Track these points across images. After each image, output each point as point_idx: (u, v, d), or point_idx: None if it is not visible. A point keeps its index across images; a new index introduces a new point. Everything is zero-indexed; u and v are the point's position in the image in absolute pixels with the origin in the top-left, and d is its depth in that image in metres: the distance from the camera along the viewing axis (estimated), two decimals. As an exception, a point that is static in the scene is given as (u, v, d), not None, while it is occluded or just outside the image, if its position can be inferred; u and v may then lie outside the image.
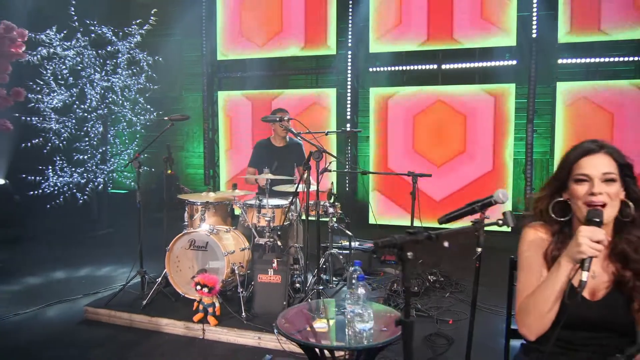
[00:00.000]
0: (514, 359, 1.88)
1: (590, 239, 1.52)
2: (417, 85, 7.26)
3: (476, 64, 7.00)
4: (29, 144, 6.74)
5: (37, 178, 6.88)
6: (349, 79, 7.62)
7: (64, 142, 7.03)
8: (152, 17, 7.09)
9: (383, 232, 6.69)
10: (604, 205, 1.59)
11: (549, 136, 7.01)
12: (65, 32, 6.70)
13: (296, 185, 3.93)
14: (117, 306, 3.96)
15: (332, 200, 4.30)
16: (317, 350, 2.09)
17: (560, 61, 6.69)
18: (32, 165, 6.85)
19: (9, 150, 6.76)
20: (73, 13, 6.63)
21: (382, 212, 7.27)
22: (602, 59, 6.50)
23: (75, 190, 7.08)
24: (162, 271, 4.06)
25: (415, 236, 1.37)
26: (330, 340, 2.11)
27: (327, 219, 4.31)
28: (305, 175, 4.48)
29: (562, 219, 1.70)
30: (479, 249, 1.89)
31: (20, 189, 6.84)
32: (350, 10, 7.48)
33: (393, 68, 7.38)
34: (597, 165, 1.61)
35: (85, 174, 7.13)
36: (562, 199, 1.70)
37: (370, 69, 7.54)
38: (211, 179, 8.41)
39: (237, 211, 4.55)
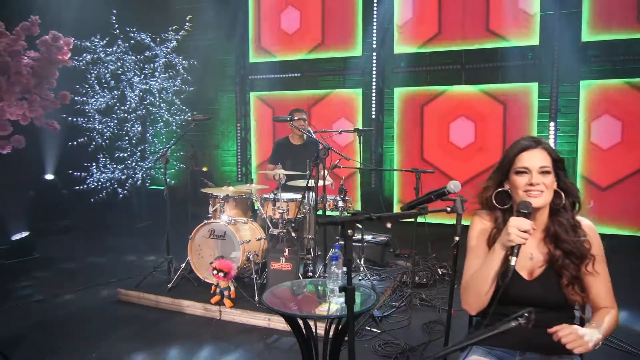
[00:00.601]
0: (468, 332, 2.11)
1: (518, 229, 1.73)
2: (440, 85, 7.41)
3: (499, 64, 7.08)
4: (75, 143, 7.31)
5: (82, 174, 7.45)
6: (374, 80, 7.85)
7: (107, 141, 7.57)
8: (187, 23, 7.54)
9: (405, 228, 6.90)
10: (540, 194, 1.81)
11: (574, 135, 7.01)
12: (107, 39, 7.23)
13: (308, 180, 4.21)
14: (145, 289, 4.38)
15: (342, 195, 4.57)
16: (298, 320, 2.37)
17: (584, 59, 6.70)
18: (78, 162, 7.42)
19: (57, 148, 7.34)
20: (114, 21, 7.15)
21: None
22: (626, 57, 6.48)
23: (116, 186, 7.63)
24: (187, 258, 4.44)
25: (356, 216, 1.64)
26: (307, 312, 2.37)
27: (338, 213, 4.58)
28: (323, 172, 4.79)
29: (503, 207, 1.92)
30: (457, 238, 2.07)
31: (67, 184, 7.43)
32: (375, 12, 7.69)
33: (417, 68, 7.56)
34: (535, 159, 1.83)
35: (125, 171, 7.66)
36: (504, 189, 1.92)
37: (395, 70, 7.75)
38: (244, 175, 8.81)
39: (257, 205, 4.89)
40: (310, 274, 4.48)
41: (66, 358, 3.33)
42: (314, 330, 2.39)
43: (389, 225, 1.48)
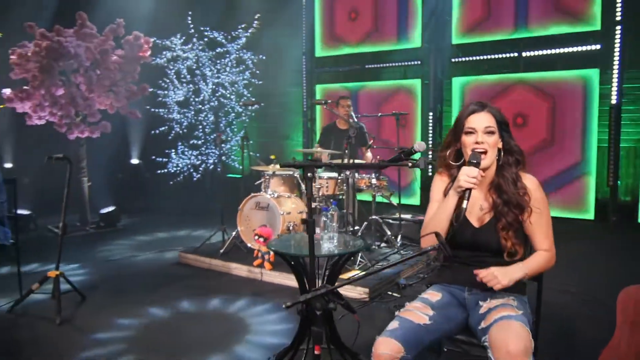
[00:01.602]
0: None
1: (468, 175, 2.03)
2: (498, 73, 7.45)
3: (558, 50, 7.00)
4: (157, 131, 8.23)
5: (163, 159, 8.35)
6: (432, 70, 8.03)
7: (184, 130, 8.43)
8: (255, 21, 8.19)
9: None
10: (485, 152, 2.09)
11: (640, 122, 6.79)
12: (184, 38, 8.05)
13: (345, 159, 4.60)
14: (202, 253, 5.01)
15: (377, 174, 4.92)
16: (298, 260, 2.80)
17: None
18: (160, 148, 8.34)
19: (142, 136, 8.30)
20: (190, 22, 7.95)
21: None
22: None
23: (192, 170, 8.46)
24: (237, 227, 5.02)
25: (315, 162, 2.03)
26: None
27: (371, 190, 4.93)
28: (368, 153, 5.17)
29: (457, 164, 2.21)
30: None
31: (150, 168, 8.37)
32: (434, 3, 7.88)
33: (475, 58, 7.64)
34: (481, 121, 2.11)
35: (199, 157, 8.47)
36: (457, 148, 2.21)
37: (453, 60, 7.89)
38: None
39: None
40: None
41: (129, 299, 4.00)
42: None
43: (348, 172, 1.68)
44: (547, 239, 2.11)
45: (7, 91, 5.96)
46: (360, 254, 4.38)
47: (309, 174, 2.01)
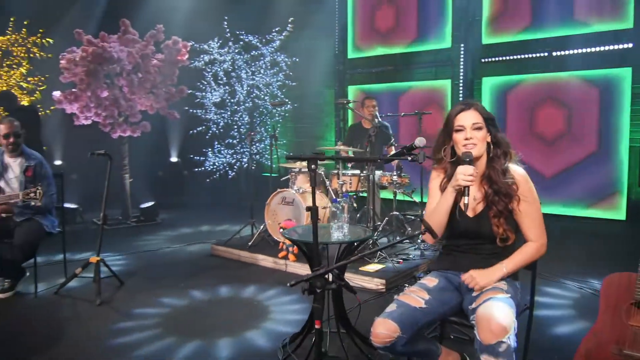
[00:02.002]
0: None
1: (464, 174, 2.20)
2: (528, 73, 7.45)
3: (589, 49, 6.94)
4: (195, 131, 8.61)
5: (201, 158, 8.73)
6: (462, 70, 8.10)
7: (221, 130, 8.78)
8: (289, 25, 8.46)
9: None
10: (475, 146, 2.25)
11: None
12: (221, 41, 8.41)
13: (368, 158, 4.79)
14: (232, 245, 5.30)
15: (398, 172, 5.08)
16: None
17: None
18: (197, 147, 8.73)
19: (180, 135, 8.72)
20: (226, 26, 8.29)
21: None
22: None
23: (227, 168, 8.81)
24: (264, 221, 5.28)
25: (318, 155, 2.25)
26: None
27: (392, 187, 5.09)
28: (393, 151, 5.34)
29: (451, 160, 2.37)
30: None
31: (188, 165, 8.77)
32: (463, 5, 7.94)
33: (505, 58, 7.66)
34: (468, 118, 2.27)
35: (235, 155, 8.81)
36: (450, 146, 2.37)
37: (483, 60, 7.92)
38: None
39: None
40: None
41: (162, 285, 4.31)
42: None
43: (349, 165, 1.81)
44: (536, 228, 2.25)
45: (57, 93, 6.44)
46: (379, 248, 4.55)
47: (312, 165, 2.22)
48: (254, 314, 3.68)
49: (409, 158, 2.47)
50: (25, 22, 7.34)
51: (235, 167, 8.85)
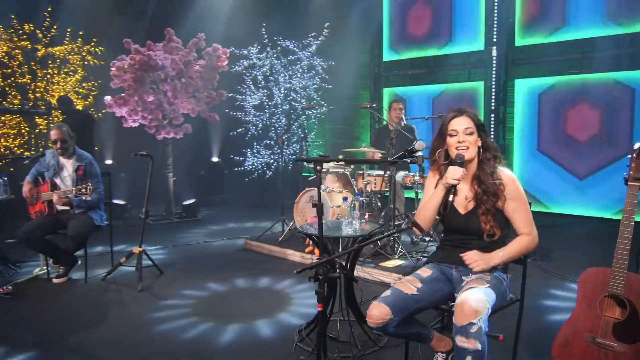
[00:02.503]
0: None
1: (453, 174, 2.44)
2: (561, 75, 7.45)
3: (622, 51, 6.89)
4: (235, 132, 9.04)
5: (240, 158, 9.16)
6: (494, 72, 8.17)
7: (259, 131, 9.18)
8: (325, 30, 8.76)
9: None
10: (467, 149, 2.48)
11: None
12: (259, 47, 8.80)
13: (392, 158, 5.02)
14: (263, 240, 5.65)
15: (420, 173, 5.28)
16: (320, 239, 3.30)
17: None
18: (237, 148, 9.16)
19: (221, 136, 9.17)
20: (264, 33, 8.68)
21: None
22: None
23: (265, 168, 9.20)
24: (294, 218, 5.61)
25: (324, 157, 2.53)
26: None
27: (413, 187, 5.31)
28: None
29: (445, 162, 2.60)
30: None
31: (228, 165, 9.21)
32: (496, 7, 8.02)
33: (537, 59, 7.69)
34: (461, 123, 2.50)
35: (272, 156, 9.19)
36: (444, 149, 2.60)
37: (515, 62, 7.97)
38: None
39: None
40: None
41: (198, 275, 4.70)
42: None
43: (352, 166, 1.98)
44: (527, 223, 2.46)
45: (107, 98, 6.99)
46: (400, 246, 4.79)
47: (318, 167, 2.51)
48: (280, 301, 4.01)
49: (408, 160, 2.72)
50: (80, 33, 7.97)
51: (272, 167, 9.23)
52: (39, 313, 3.83)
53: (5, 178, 4.84)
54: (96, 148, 7.44)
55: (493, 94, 8.20)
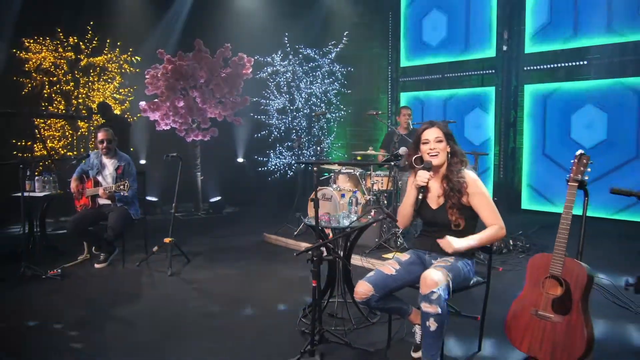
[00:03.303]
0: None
1: (421, 178, 2.94)
2: (568, 80, 7.79)
3: (627, 57, 7.20)
4: (259, 135, 9.65)
5: (264, 159, 9.76)
6: (504, 77, 8.55)
7: (282, 134, 9.77)
8: (344, 38, 9.29)
9: (530, 217, 7.66)
10: (437, 154, 2.98)
11: None
12: (282, 55, 9.39)
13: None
14: (280, 234, 6.22)
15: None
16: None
17: None
18: (261, 149, 9.76)
19: (246, 139, 9.79)
20: (287, 41, 9.26)
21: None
22: None
23: (287, 168, 9.78)
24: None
25: (319, 161, 3.05)
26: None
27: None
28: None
29: (420, 167, 3.09)
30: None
31: (253, 166, 9.83)
32: (508, 14, 8.40)
33: (545, 66, 8.05)
34: (432, 133, 3.00)
35: (293, 157, 9.76)
36: (418, 155, 3.09)
37: (525, 68, 8.35)
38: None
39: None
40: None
41: (221, 264, 5.30)
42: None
43: (340, 167, 2.36)
44: (492, 215, 2.91)
45: (142, 104, 7.67)
46: (401, 238, 5.28)
47: (314, 168, 3.05)
48: (290, 286, 4.57)
49: (393, 163, 3.22)
50: (118, 43, 8.70)
51: (293, 167, 9.80)
52: (84, 291, 4.48)
53: (55, 176, 5.52)
54: (131, 149, 8.14)
55: (504, 99, 8.59)
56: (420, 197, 2.98)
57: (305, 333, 3.41)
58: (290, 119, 9.79)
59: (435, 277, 2.63)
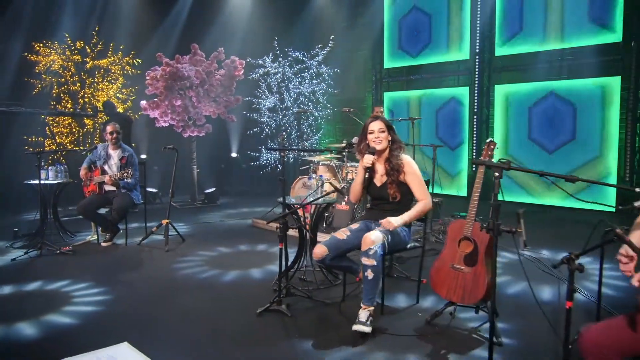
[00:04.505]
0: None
1: (366, 160, 3.67)
2: (534, 81, 8.52)
3: (587, 60, 7.90)
4: (251, 131, 10.38)
5: (256, 154, 10.49)
6: (477, 79, 9.28)
7: (273, 130, 10.50)
8: (330, 42, 10.01)
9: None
10: (380, 142, 3.70)
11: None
12: (272, 57, 10.12)
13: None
14: (266, 219, 6.93)
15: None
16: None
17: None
18: (253, 145, 10.49)
19: (239, 135, 10.53)
20: (276, 45, 10.00)
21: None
22: None
23: (277, 162, 10.51)
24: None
25: (283, 147, 3.78)
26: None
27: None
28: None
29: (367, 152, 3.81)
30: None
31: (246, 160, 10.56)
32: (478, 20, 9.13)
33: (515, 67, 8.77)
34: (376, 125, 3.72)
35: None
36: (365, 142, 3.81)
37: (495, 69, 9.07)
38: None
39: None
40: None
41: (212, 242, 6.01)
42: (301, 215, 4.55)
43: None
44: (421, 192, 3.65)
45: (143, 102, 8.41)
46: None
47: (282, 154, 3.77)
48: (270, 259, 5.30)
49: (346, 151, 3.95)
50: (121, 47, 9.45)
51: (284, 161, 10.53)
52: (93, 264, 5.22)
53: (66, 166, 6.25)
54: (133, 145, 8.87)
55: (476, 97, 9.32)
56: (366, 176, 3.71)
57: (276, 290, 4.14)
58: (280, 117, 10.52)
59: (373, 238, 3.36)
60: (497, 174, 2.53)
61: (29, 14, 8.56)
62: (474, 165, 7.77)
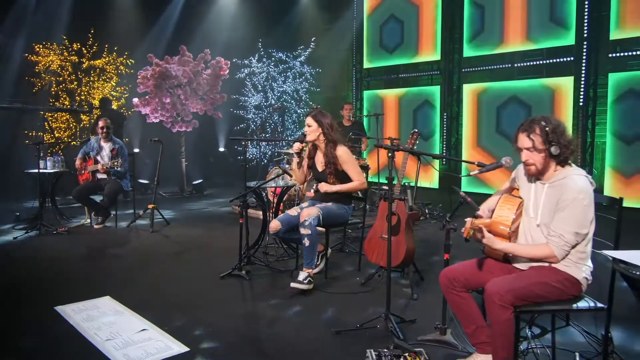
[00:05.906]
0: (316, 197, 4.74)
1: (295, 147, 4.36)
2: (497, 80, 9.20)
3: (542, 62, 8.58)
4: (238, 127, 11.07)
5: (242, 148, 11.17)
6: (447, 78, 9.97)
7: (258, 126, 11.19)
8: (312, 43, 10.70)
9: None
10: (310, 134, 4.38)
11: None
12: (257, 57, 10.81)
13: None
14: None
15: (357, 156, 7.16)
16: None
17: (610, 55, 7.88)
18: (239, 140, 11.17)
19: (226, 131, 11.22)
20: (261, 46, 10.69)
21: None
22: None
23: (262, 156, 11.21)
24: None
25: (249, 137, 4.48)
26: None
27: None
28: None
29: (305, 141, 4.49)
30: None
31: (233, 154, 11.26)
32: (449, 24, 9.81)
33: (483, 68, 9.43)
34: (308, 119, 4.37)
35: (267, 147, 11.20)
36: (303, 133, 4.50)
37: (464, 70, 9.75)
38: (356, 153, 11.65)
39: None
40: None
41: (195, 225, 6.71)
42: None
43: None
44: (356, 174, 4.33)
45: (135, 100, 9.10)
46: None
47: (243, 143, 4.46)
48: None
49: (298, 141, 4.63)
50: (115, 48, 10.14)
51: (267, 155, 11.25)
52: (86, 242, 5.92)
53: (62, 157, 6.95)
54: (126, 140, 9.57)
55: (446, 96, 10.00)
56: (297, 160, 4.41)
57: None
58: (265, 113, 11.22)
59: (308, 212, 4.07)
60: (390, 154, 3.18)
61: (29, 17, 9.25)
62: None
